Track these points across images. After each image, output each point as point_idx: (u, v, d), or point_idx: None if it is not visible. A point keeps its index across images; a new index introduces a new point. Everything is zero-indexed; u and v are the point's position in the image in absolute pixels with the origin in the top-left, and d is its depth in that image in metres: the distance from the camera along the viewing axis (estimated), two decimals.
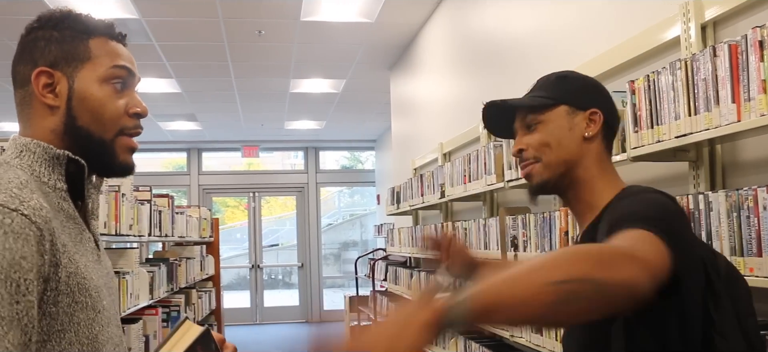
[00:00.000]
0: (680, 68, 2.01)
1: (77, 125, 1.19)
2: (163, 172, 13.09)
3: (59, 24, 1.21)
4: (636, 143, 2.23)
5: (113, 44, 1.25)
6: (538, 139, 1.43)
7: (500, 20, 4.43)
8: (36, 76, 1.18)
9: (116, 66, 1.22)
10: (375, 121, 10.95)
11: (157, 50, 6.78)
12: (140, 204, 3.63)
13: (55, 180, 1.17)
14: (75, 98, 1.19)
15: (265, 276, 13.26)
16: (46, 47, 1.19)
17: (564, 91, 1.44)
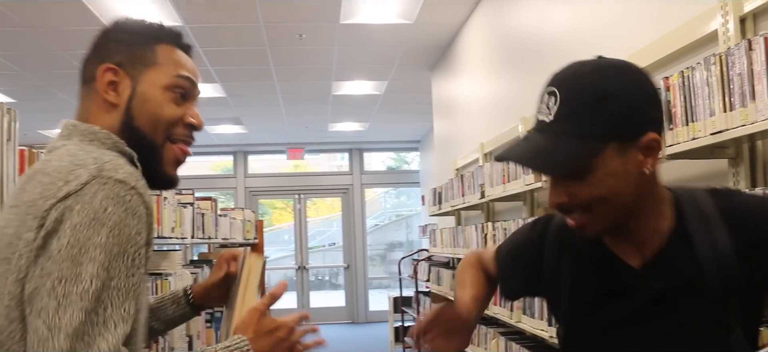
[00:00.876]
0: (715, 63, 1.96)
1: (133, 125, 1.22)
2: (210, 175, 13.33)
3: (130, 28, 1.27)
4: (671, 141, 2.18)
5: (179, 53, 1.29)
6: (588, 192, 1.14)
7: (537, 18, 4.39)
8: (102, 72, 1.22)
9: (180, 75, 1.26)
10: (418, 122, 10.95)
11: (201, 55, 6.90)
12: (182, 207, 3.71)
13: None
14: (136, 99, 1.22)
15: (311, 277, 13.38)
16: (116, 48, 1.24)
17: (609, 122, 1.10)
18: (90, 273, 1.00)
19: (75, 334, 0.98)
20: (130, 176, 1.08)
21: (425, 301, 6.84)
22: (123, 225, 1.04)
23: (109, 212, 1.03)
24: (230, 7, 5.67)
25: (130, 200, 1.05)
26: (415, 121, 10.91)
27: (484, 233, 4.40)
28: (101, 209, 1.03)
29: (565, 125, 1.11)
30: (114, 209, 1.04)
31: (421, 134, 12.24)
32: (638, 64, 2.76)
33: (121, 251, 1.03)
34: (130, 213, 1.05)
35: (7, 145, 1.76)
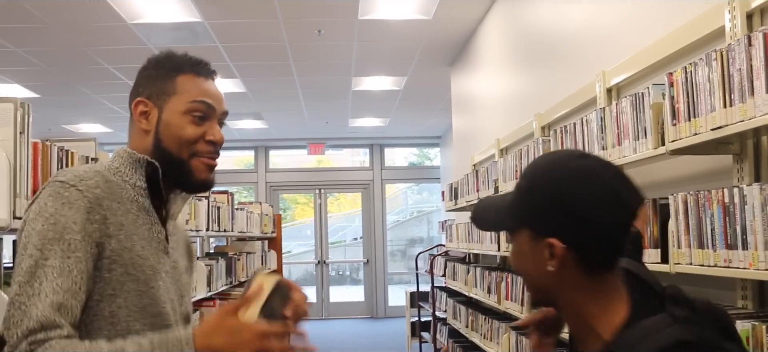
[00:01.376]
0: (716, 59, 1.97)
1: (162, 147, 1.45)
2: (231, 170, 13.46)
3: (157, 64, 1.50)
4: (674, 136, 2.19)
5: (198, 80, 1.49)
6: (511, 258, 1.26)
7: (553, 14, 4.39)
8: (135, 105, 1.48)
9: (195, 101, 1.46)
10: (438, 118, 10.96)
11: (222, 52, 6.98)
12: (197, 200, 3.77)
13: (136, 179, 1.45)
14: (161, 124, 1.46)
15: (332, 272, 13.46)
16: (146, 83, 1.49)
17: (528, 209, 1.17)
18: (29, 254, 1.24)
19: (12, 302, 1.21)
20: (74, 178, 1.32)
21: (441, 296, 6.87)
22: (58, 215, 1.27)
23: (48, 205, 1.28)
24: (249, 3, 5.74)
25: (68, 194, 1.29)
26: (435, 116, 10.93)
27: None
28: (44, 204, 1.29)
29: (513, 196, 1.22)
30: (52, 202, 1.28)
31: (442, 130, 12.25)
32: (649, 59, 2.78)
33: (57, 237, 1.26)
34: (67, 205, 1.28)
35: (20, 138, 1.83)
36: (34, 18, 5.82)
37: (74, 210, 1.28)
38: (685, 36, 2.59)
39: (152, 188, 1.46)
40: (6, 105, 1.81)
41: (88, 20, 5.93)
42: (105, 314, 1.31)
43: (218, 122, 1.50)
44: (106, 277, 1.32)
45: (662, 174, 2.82)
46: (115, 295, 1.32)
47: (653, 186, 2.84)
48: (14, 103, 1.82)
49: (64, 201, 1.28)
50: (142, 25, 6.05)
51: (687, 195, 2.13)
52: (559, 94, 3.96)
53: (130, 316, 1.34)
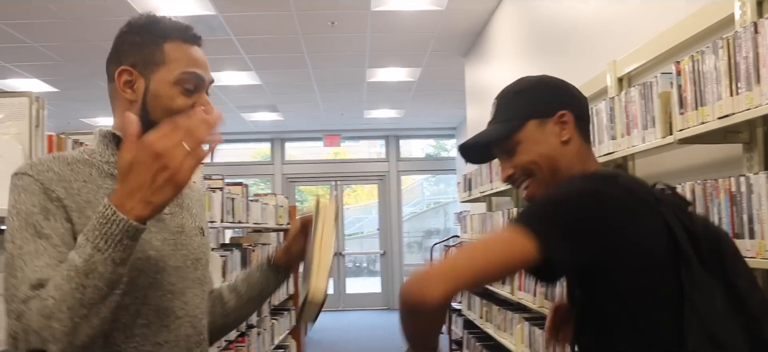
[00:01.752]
0: (722, 47, 1.97)
1: (150, 119, 1.34)
2: (248, 162, 13.53)
3: (141, 30, 1.40)
4: (682, 125, 2.19)
5: (187, 48, 1.40)
6: (523, 159, 1.44)
7: (565, 3, 4.37)
8: (118, 74, 1.38)
9: (186, 72, 1.38)
10: (453, 109, 10.95)
11: (236, 44, 7.03)
12: (211, 192, 3.81)
13: (108, 155, 1.40)
14: (149, 96, 1.37)
15: (349, 263, 13.51)
16: (130, 50, 1.39)
17: (525, 106, 1.46)
18: (7, 251, 1.25)
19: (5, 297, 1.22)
20: (25, 166, 1.32)
21: None
22: (19, 204, 1.28)
23: (10, 201, 1.30)
24: None
25: (22, 182, 1.29)
26: (450, 107, 10.92)
27: (510, 219, 4.42)
28: (8, 202, 1.30)
29: (500, 114, 1.50)
30: (11, 196, 1.30)
31: (457, 121, 12.24)
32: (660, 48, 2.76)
33: (23, 224, 1.25)
34: (23, 192, 1.28)
35: (35, 131, 1.87)
36: (51, 13, 5.89)
37: (30, 194, 1.28)
38: (696, 24, 2.58)
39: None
40: (21, 99, 1.85)
41: (104, 15, 5.99)
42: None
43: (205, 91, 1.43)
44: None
45: (675, 163, 2.82)
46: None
47: (665, 175, 2.84)
48: (29, 97, 1.86)
49: (20, 190, 1.29)
50: None
51: (694, 184, 2.14)
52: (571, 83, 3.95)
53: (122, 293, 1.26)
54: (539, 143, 1.43)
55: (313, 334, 9.75)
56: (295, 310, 6.29)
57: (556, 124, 1.43)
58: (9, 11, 5.85)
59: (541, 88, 1.49)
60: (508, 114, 1.47)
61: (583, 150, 1.46)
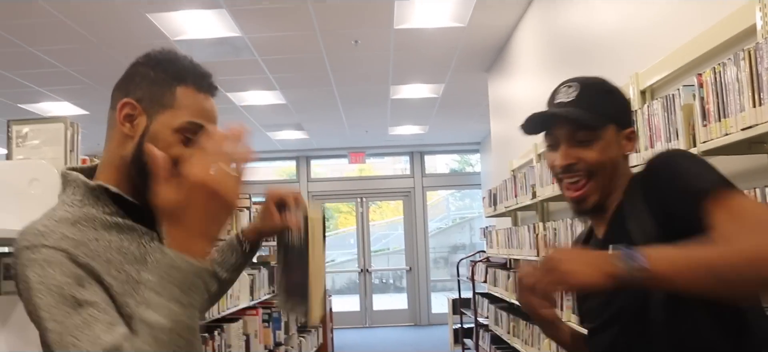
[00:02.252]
0: (744, 59, 1.97)
1: (142, 160, 1.26)
2: (274, 180, 13.64)
3: (157, 65, 1.31)
4: (705, 137, 2.19)
5: (199, 97, 1.31)
6: (596, 157, 1.41)
7: (586, 17, 4.39)
8: (121, 105, 1.29)
9: (192, 122, 1.28)
10: (478, 124, 10.96)
11: (261, 64, 7.13)
12: (239, 211, 3.87)
13: (102, 207, 1.27)
14: (148, 136, 1.27)
15: (375, 280, 13.53)
16: (140, 83, 1.30)
17: (613, 108, 1.46)
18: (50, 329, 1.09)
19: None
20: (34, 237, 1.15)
21: (483, 302, 6.87)
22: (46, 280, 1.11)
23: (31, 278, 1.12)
24: (286, 16, 5.86)
25: (40, 256, 1.13)
26: (474, 122, 10.94)
27: (536, 233, 4.42)
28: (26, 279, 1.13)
29: (584, 103, 1.44)
30: (31, 272, 1.13)
31: (481, 136, 12.24)
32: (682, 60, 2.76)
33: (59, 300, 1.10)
34: (47, 265, 1.12)
35: (70, 155, 1.93)
36: (82, 38, 6.04)
37: (56, 266, 1.13)
38: (717, 36, 2.58)
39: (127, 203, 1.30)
40: (57, 125, 1.92)
41: (132, 38, 6.12)
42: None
43: None
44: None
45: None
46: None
47: None
48: (64, 123, 1.93)
49: (41, 264, 1.13)
50: (184, 41, 6.23)
51: None
52: None
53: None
54: (611, 148, 1.43)
55: (339, 350, 9.77)
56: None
57: (625, 138, 1.46)
58: (42, 37, 6.01)
59: (623, 99, 1.51)
60: (595, 107, 1.43)
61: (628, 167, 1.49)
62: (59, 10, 5.42)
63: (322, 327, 7.10)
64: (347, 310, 12.77)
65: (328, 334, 7.65)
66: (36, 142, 1.88)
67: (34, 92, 7.76)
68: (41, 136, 1.89)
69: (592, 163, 1.41)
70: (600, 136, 1.42)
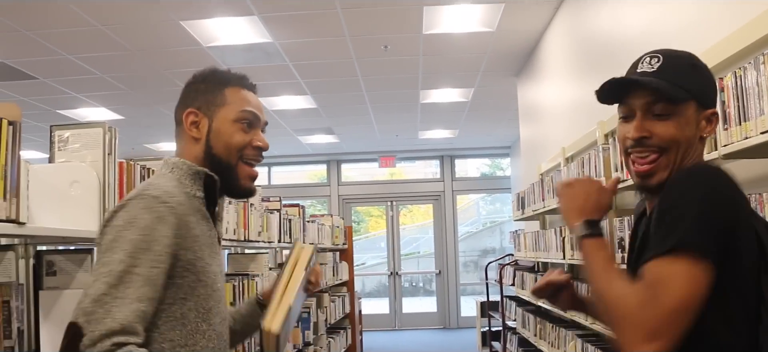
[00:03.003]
0: (764, 63, 1.99)
1: (213, 153, 1.57)
2: (305, 183, 13.78)
3: (205, 78, 1.62)
4: (726, 141, 2.21)
5: (244, 92, 1.63)
6: (672, 132, 1.36)
7: (613, 22, 4.40)
8: (186, 115, 1.59)
9: (244, 110, 1.60)
10: (507, 128, 10.96)
11: (292, 70, 7.24)
12: (269, 213, 3.97)
13: (195, 190, 1.56)
14: (212, 133, 1.58)
15: (405, 283, 13.57)
16: (195, 95, 1.60)
17: (697, 85, 1.38)
18: (118, 259, 1.32)
19: (98, 300, 1.28)
20: (164, 194, 1.42)
21: (511, 305, 6.88)
22: (151, 228, 1.36)
23: (141, 217, 1.37)
24: (316, 22, 5.96)
25: (160, 209, 1.39)
26: (504, 127, 10.94)
27: (562, 237, 4.44)
28: (134, 215, 1.37)
29: (667, 75, 1.37)
30: (146, 215, 1.37)
31: (512, 140, 12.23)
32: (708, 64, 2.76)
33: (147, 247, 1.35)
34: (159, 220, 1.38)
35: (108, 158, 2.03)
36: (118, 46, 6.20)
37: (165, 225, 1.38)
38: (742, 39, 2.59)
39: (208, 195, 1.57)
40: (96, 130, 2.01)
41: (167, 45, 6.28)
42: (176, 315, 1.42)
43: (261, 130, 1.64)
44: (179, 283, 1.42)
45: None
46: (186, 298, 1.44)
47: None
48: (103, 128, 2.02)
49: (157, 215, 1.38)
50: (216, 47, 6.36)
51: None
52: None
53: (198, 317, 1.46)
54: (691, 128, 1.37)
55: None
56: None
57: (705, 119, 1.38)
58: (81, 46, 6.19)
59: (709, 76, 1.43)
60: (679, 80, 1.36)
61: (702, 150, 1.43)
62: (97, 19, 5.58)
63: (351, 328, 7.19)
64: (377, 312, 12.84)
65: (356, 335, 7.73)
66: (76, 146, 1.98)
67: (72, 98, 7.99)
68: (81, 141, 1.99)
69: (666, 139, 1.35)
70: (679, 112, 1.35)
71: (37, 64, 6.66)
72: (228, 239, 3.07)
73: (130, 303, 1.29)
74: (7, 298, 1.66)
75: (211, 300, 1.50)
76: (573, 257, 4.23)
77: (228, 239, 3.07)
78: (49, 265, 1.97)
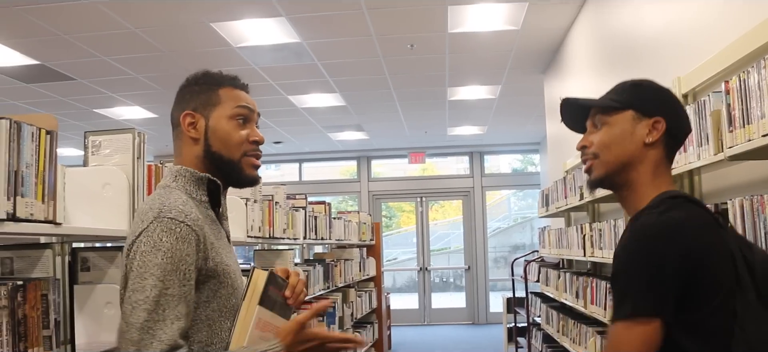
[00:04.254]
0: (765, 67, 2.04)
1: (212, 151, 1.63)
2: (335, 179, 13.93)
3: (199, 81, 1.68)
4: (731, 142, 2.27)
5: (237, 91, 1.68)
6: (601, 138, 1.55)
7: (634, 20, 4.43)
8: (183, 117, 1.64)
9: (238, 106, 1.65)
10: (536, 125, 10.96)
11: (320, 68, 7.37)
12: (295, 210, 4.09)
13: (200, 195, 1.63)
14: (210, 131, 1.63)
15: (436, 278, 13.65)
16: (191, 97, 1.66)
17: (634, 97, 1.55)
18: (151, 284, 1.40)
19: (142, 327, 1.38)
20: (180, 214, 1.47)
21: (536, 301, 6.93)
22: (175, 250, 1.44)
23: (164, 240, 1.44)
24: (343, 23, 6.07)
25: (181, 230, 1.45)
26: (532, 123, 10.94)
27: (583, 234, 4.50)
28: (158, 239, 1.44)
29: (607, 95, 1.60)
30: (167, 238, 1.44)
31: (541, 136, 12.21)
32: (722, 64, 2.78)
33: (174, 268, 1.43)
34: (181, 240, 1.45)
35: (137, 162, 2.16)
36: (151, 47, 6.40)
37: (187, 244, 1.45)
38: (756, 39, 2.62)
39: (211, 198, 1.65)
40: (126, 135, 2.15)
41: (197, 46, 6.45)
42: (202, 318, 1.52)
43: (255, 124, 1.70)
44: (202, 289, 1.52)
45: (735, 179, 2.86)
46: (209, 301, 1.53)
47: (728, 191, 2.89)
48: (132, 134, 2.16)
49: (177, 236, 1.44)
50: (246, 48, 6.52)
51: (743, 200, 2.21)
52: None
53: (222, 316, 1.54)
54: (624, 133, 1.53)
55: (398, 348, 9.96)
56: None
57: (647, 126, 1.52)
58: (116, 47, 6.39)
59: (655, 91, 1.58)
60: (614, 95, 1.57)
61: (661, 164, 1.54)
62: (130, 22, 5.77)
63: (378, 323, 7.30)
64: (406, 307, 12.95)
65: (384, 330, 7.84)
66: (108, 151, 2.12)
67: (108, 98, 8.23)
68: (112, 146, 2.13)
69: (596, 145, 1.55)
70: (613, 121, 1.54)
71: (74, 65, 6.89)
72: (253, 236, 3.20)
73: (171, 323, 1.40)
74: (46, 292, 1.79)
75: (233, 297, 1.58)
76: (593, 255, 4.28)
77: (253, 236, 3.20)
78: (83, 261, 2.12)
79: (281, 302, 1.59)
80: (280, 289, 1.60)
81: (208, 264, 1.52)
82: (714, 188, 3.06)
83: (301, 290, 1.65)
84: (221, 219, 1.70)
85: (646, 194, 1.52)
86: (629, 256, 1.41)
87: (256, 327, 1.53)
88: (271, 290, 1.56)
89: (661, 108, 1.53)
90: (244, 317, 1.52)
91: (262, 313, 1.54)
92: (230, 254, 1.66)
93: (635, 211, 1.53)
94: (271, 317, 1.56)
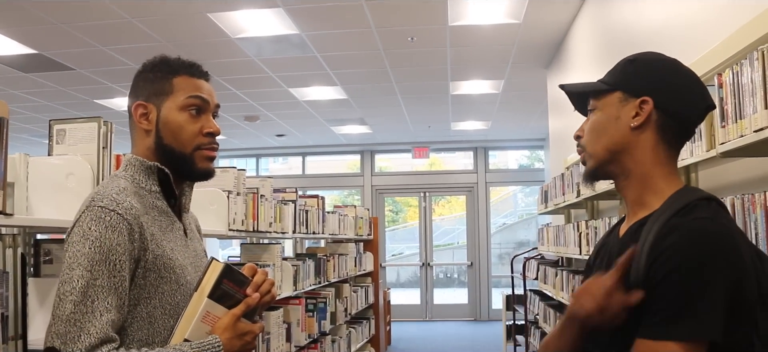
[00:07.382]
0: (758, 60, 1.95)
1: (164, 144, 1.56)
2: (338, 173, 13.86)
3: (154, 68, 1.59)
4: (723, 139, 2.17)
5: (193, 80, 1.59)
6: (588, 125, 1.41)
7: (635, 14, 4.33)
8: (135, 108, 1.58)
9: (190, 96, 1.57)
10: (540, 120, 10.86)
11: (320, 61, 7.29)
12: (283, 204, 4.01)
13: (150, 185, 1.56)
14: (161, 123, 1.56)
15: (439, 274, 13.57)
16: (144, 86, 1.58)
17: (623, 76, 1.38)
18: (78, 275, 1.34)
19: (68, 320, 1.32)
20: (111, 202, 1.41)
21: (534, 299, 6.84)
22: (103, 239, 1.37)
23: (92, 230, 1.38)
24: (342, 14, 5.98)
25: (110, 219, 1.39)
26: (536, 119, 10.84)
27: (579, 232, 4.40)
28: (87, 228, 1.38)
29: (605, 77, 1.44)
30: (96, 227, 1.38)
31: (545, 132, 12.08)
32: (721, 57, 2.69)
33: (103, 258, 1.36)
34: (110, 229, 1.38)
35: (103, 151, 2.09)
36: (149, 37, 6.33)
37: (117, 233, 1.38)
38: (750, 34, 2.52)
39: (164, 189, 1.57)
40: (91, 124, 2.08)
41: (197, 37, 6.38)
42: (143, 315, 1.44)
43: (212, 115, 1.61)
44: (142, 283, 1.44)
45: (734, 176, 2.77)
46: (150, 297, 1.45)
47: (726, 188, 2.80)
48: (98, 122, 2.09)
49: (106, 225, 1.38)
50: (245, 39, 6.44)
51: (734, 198, 2.12)
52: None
53: (165, 314, 1.47)
54: (608, 118, 1.38)
55: (397, 343, 9.89)
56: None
57: (634, 108, 1.35)
58: (114, 38, 6.33)
59: (646, 65, 1.39)
60: (609, 76, 1.42)
61: (661, 152, 1.35)
62: (128, 12, 5.70)
63: (375, 318, 7.22)
64: (408, 303, 12.87)
65: (382, 326, 7.77)
66: (72, 140, 2.05)
67: (107, 88, 8.18)
68: (77, 135, 2.06)
69: (586, 132, 1.42)
70: (601, 105, 1.39)
71: (72, 55, 6.84)
72: (235, 229, 3.12)
73: (100, 315, 1.33)
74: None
75: (178, 294, 1.50)
76: (589, 253, 4.18)
77: (235, 229, 3.12)
78: (47, 253, 2.05)
79: (238, 298, 1.50)
80: (239, 285, 1.51)
81: (147, 256, 1.44)
82: (712, 185, 2.96)
83: (268, 289, 1.55)
84: (180, 211, 1.63)
85: (650, 184, 1.35)
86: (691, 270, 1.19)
87: (203, 320, 1.46)
88: (226, 283, 1.49)
89: (648, 86, 1.34)
90: (191, 309, 1.46)
91: (211, 306, 1.47)
92: (183, 249, 1.57)
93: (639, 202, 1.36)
94: (221, 312, 1.48)
